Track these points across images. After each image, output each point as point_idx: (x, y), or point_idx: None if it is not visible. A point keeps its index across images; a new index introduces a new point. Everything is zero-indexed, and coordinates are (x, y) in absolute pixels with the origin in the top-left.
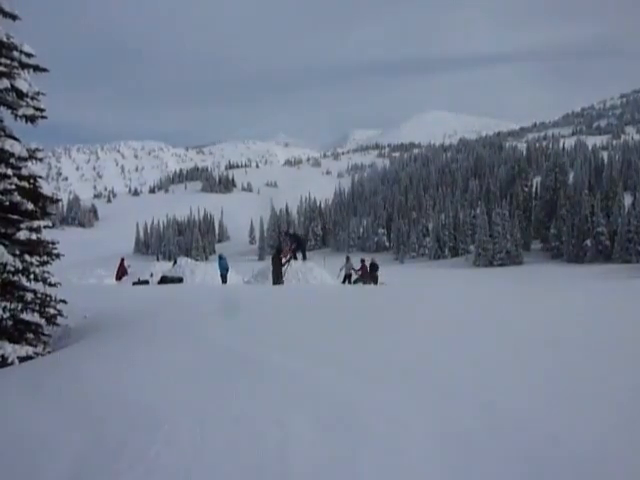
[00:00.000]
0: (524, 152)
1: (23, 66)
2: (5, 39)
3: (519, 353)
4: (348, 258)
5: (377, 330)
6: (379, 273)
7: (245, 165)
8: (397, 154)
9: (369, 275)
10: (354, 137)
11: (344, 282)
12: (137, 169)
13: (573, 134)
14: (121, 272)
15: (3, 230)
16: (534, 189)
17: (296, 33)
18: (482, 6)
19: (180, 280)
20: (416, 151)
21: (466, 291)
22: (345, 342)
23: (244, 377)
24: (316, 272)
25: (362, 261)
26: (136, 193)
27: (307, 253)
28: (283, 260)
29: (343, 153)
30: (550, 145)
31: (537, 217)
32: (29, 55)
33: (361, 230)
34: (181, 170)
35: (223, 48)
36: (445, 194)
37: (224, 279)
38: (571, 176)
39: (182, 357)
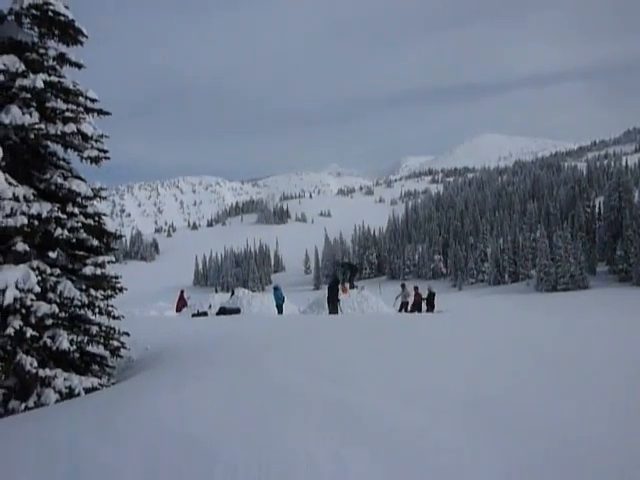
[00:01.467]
0: (584, 172)
1: (88, 110)
2: (72, 86)
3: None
4: (404, 286)
5: (439, 360)
6: (435, 301)
7: (299, 196)
8: (451, 179)
9: (426, 303)
10: (406, 164)
11: (400, 310)
12: (195, 203)
13: (636, 151)
14: (181, 304)
15: (70, 266)
16: (597, 210)
17: (346, 63)
18: (539, 25)
19: (238, 311)
20: (470, 175)
21: (532, 319)
22: (406, 373)
23: (301, 409)
24: (372, 301)
25: (415, 289)
26: (195, 227)
27: (361, 282)
28: (341, 291)
29: (396, 180)
30: (612, 163)
31: (601, 239)
32: (93, 100)
33: (417, 257)
34: (237, 203)
35: (277, 82)
36: (502, 218)
37: (280, 309)
38: (636, 195)
39: (240, 389)
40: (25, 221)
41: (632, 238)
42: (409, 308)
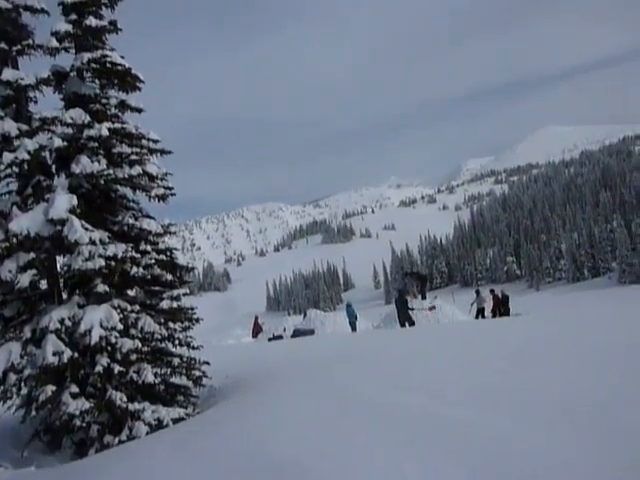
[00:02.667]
0: None
1: (151, 152)
2: (134, 130)
3: None
4: (478, 292)
5: (521, 366)
6: (510, 304)
7: (361, 212)
8: (515, 178)
9: (501, 306)
10: (467, 168)
11: (477, 317)
12: (260, 231)
13: None
14: (256, 330)
15: (148, 301)
16: None
17: (400, 72)
18: (590, 11)
19: (312, 332)
20: (535, 172)
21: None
22: (491, 381)
23: (387, 424)
24: (446, 310)
25: (491, 291)
26: (262, 253)
27: (433, 292)
28: (410, 301)
29: (457, 185)
30: None
31: None
32: (155, 141)
33: (488, 261)
34: (301, 226)
35: (330, 100)
36: (574, 212)
37: (353, 327)
38: None
39: (323, 408)
40: (103, 263)
41: None
42: (487, 313)
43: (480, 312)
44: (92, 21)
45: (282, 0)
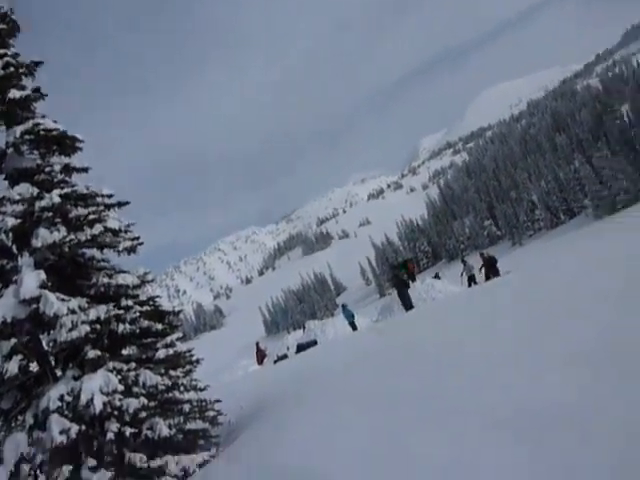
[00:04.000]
0: (600, 87)
1: (108, 207)
2: (86, 190)
3: None
4: (464, 261)
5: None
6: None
7: (333, 215)
8: (471, 144)
9: (491, 269)
10: (423, 146)
11: (469, 285)
12: (240, 259)
13: None
14: (261, 355)
15: (144, 355)
16: (625, 118)
17: (337, 69)
18: None
19: (315, 343)
20: (489, 133)
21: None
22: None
23: (414, 424)
24: (438, 287)
25: (481, 255)
26: (248, 281)
27: (421, 275)
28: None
29: (419, 166)
30: (623, 68)
31: None
32: (109, 196)
33: (467, 230)
34: (279, 244)
35: (278, 118)
36: (536, 161)
37: (353, 326)
38: None
39: (336, 421)
40: (88, 328)
41: None
42: (479, 279)
43: (471, 279)
44: (15, 93)
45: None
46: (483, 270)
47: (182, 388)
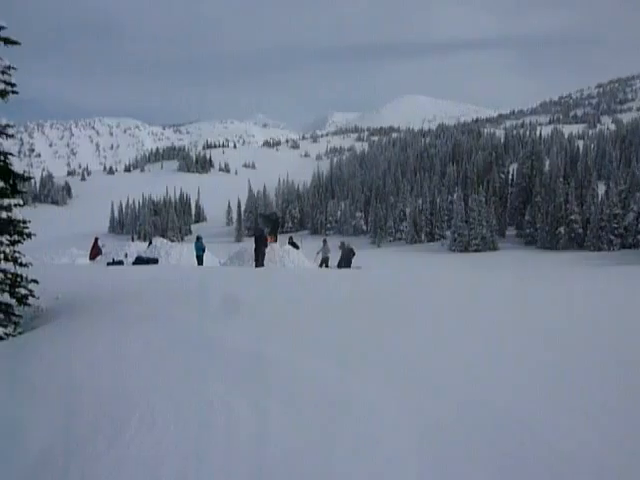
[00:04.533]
0: (502, 139)
1: None
2: None
3: (504, 345)
4: (325, 241)
5: (358, 318)
6: (354, 259)
7: (223, 145)
8: (376, 138)
9: (345, 260)
10: (333, 120)
11: (321, 266)
12: (112, 147)
13: (550, 122)
14: (95, 252)
15: None
16: (510, 176)
17: (277, 10)
18: None
19: (155, 261)
20: (395, 135)
21: (446, 277)
22: (323, 328)
23: (219, 361)
24: (293, 255)
25: (342, 244)
26: (111, 171)
27: (282, 236)
28: (269, 242)
29: (322, 136)
30: (527, 133)
31: (512, 204)
32: (0, 28)
33: (339, 213)
34: (158, 149)
35: (203, 26)
36: (423, 179)
37: (200, 260)
38: (547, 164)
39: (155, 340)
40: None
41: (540, 205)
42: (331, 263)
43: (324, 261)
44: None
45: None
46: (339, 257)
47: (2, 256)
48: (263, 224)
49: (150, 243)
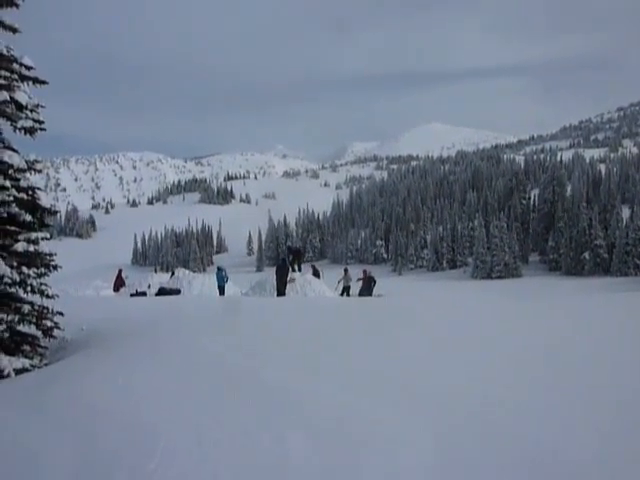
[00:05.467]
0: (522, 165)
1: (23, 78)
2: (5, 51)
3: (518, 367)
4: (346, 270)
5: (378, 346)
6: (375, 287)
7: (243, 176)
8: (395, 166)
9: (367, 288)
10: (352, 150)
11: (342, 294)
12: (135, 180)
13: (571, 147)
14: (119, 283)
15: (1, 242)
16: (532, 202)
17: (295, 42)
18: (482, 21)
19: (178, 292)
20: (414, 163)
21: (467, 305)
22: (346, 356)
23: (243, 392)
24: (314, 285)
25: (364, 272)
26: (134, 204)
27: (303, 265)
28: (290, 273)
29: (341, 165)
30: (548, 158)
31: (535, 230)
32: (29, 68)
33: (359, 242)
34: (179, 181)
35: (223, 59)
36: (443, 206)
37: (222, 291)
38: (569, 189)
39: (178, 370)
40: None
41: (563, 230)
42: (352, 292)
43: (346, 290)
44: None
45: None
46: (360, 285)
47: (29, 288)
48: (286, 255)
49: (172, 274)
